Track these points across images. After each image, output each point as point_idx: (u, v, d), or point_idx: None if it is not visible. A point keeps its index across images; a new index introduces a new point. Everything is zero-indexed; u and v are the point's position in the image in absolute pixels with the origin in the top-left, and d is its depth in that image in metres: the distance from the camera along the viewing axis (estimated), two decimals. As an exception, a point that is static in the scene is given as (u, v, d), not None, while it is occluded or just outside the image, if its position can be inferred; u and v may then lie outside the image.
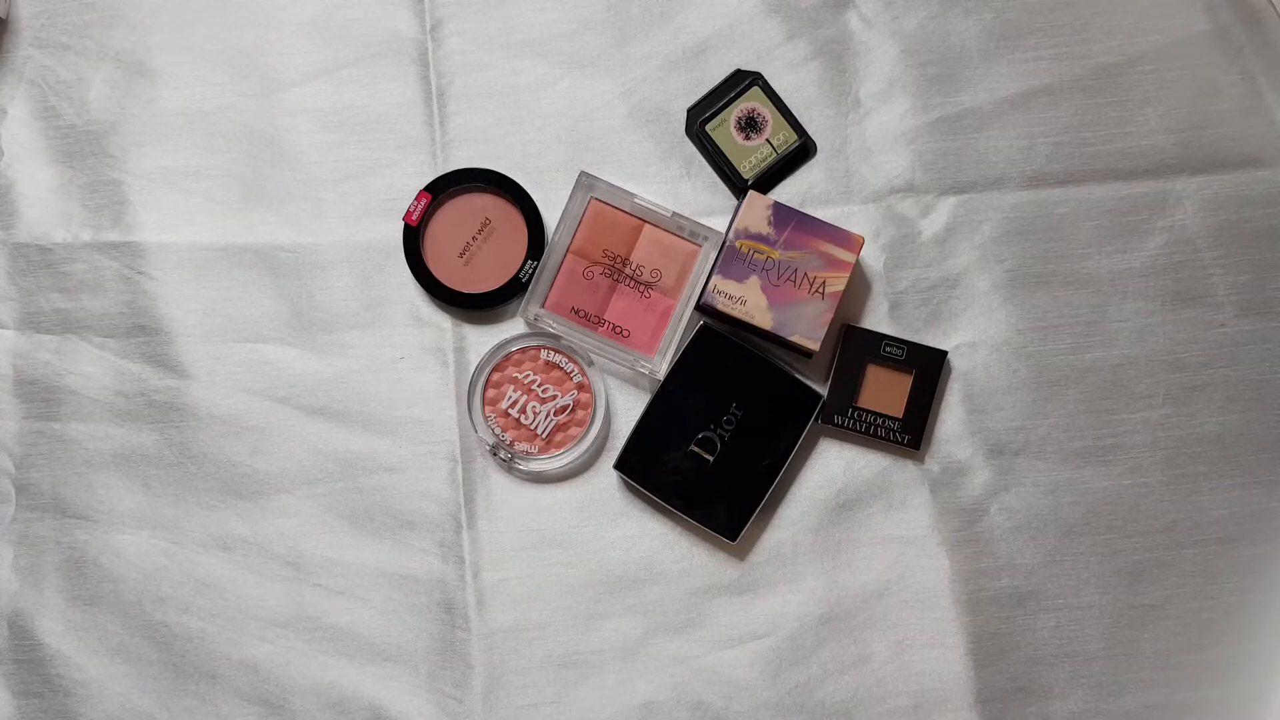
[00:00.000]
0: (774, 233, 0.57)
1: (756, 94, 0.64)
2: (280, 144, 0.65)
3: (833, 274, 0.57)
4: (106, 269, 0.64)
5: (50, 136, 0.65)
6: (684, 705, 0.62)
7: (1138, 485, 0.63)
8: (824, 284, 0.57)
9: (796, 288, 0.57)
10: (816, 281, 0.57)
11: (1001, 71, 0.65)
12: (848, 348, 0.62)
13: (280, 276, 0.64)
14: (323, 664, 0.62)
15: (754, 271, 0.57)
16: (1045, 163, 0.64)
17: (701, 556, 0.63)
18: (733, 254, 0.57)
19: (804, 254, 0.57)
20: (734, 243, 0.57)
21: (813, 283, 0.57)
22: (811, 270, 0.57)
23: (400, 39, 0.65)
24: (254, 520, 0.63)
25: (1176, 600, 0.62)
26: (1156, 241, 0.64)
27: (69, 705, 0.62)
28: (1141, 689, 0.62)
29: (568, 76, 0.65)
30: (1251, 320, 0.63)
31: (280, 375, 0.64)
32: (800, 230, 0.57)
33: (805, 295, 0.57)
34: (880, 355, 0.62)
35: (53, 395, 0.64)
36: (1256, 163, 0.64)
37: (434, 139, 0.65)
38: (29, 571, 0.63)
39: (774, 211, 0.57)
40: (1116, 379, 0.63)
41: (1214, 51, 0.65)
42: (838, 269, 0.57)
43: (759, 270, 0.57)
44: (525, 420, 0.62)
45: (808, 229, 0.58)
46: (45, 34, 0.66)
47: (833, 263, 0.57)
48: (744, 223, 0.57)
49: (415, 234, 0.63)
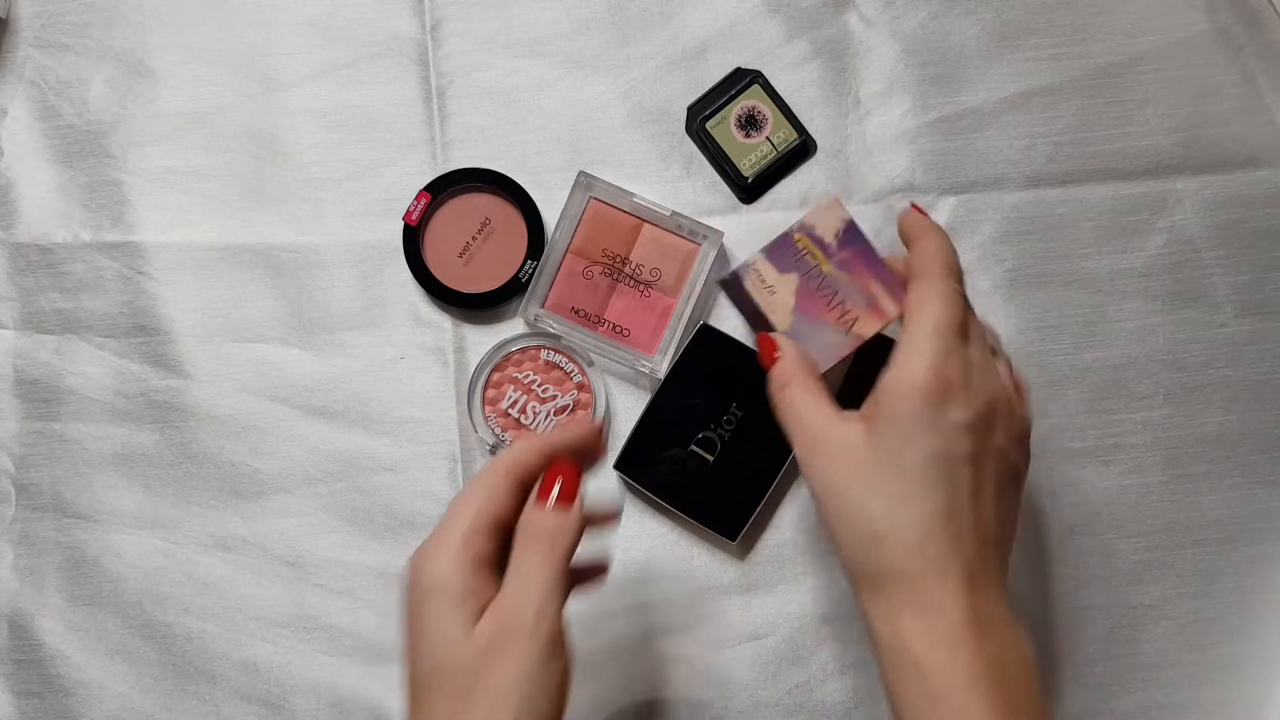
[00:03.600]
0: (835, 246, 0.53)
1: (757, 92, 0.64)
2: (280, 144, 0.65)
3: (868, 316, 0.52)
4: (106, 269, 0.64)
5: (50, 136, 0.65)
6: (684, 705, 0.62)
7: (1138, 485, 0.63)
8: (855, 321, 0.52)
9: (829, 309, 0.53)
10: (849, 315, 0.52)
11: (1001, 71, 0.65)
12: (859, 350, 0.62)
13: (280, 276, 0.64)
14: (323, 664, 0.62)
15: (797, 270, 0.53)
16: (1045, 163, 0.64)
17: (701, 556, 0.63)
18: (786, 244, 0.53)
19: (852, 281, 0.52)
20: (794, 234, 0.53)
21: (845, 313, 0.52)
22: (850, 301, 0.52)
23: (400, 39, 0.65)
24: (254, 520, 0.63)
25: (1177, 600, 0.62)
26: (1157, 241, 0.64)
27: (69, 705, 0.62)
28: (1142, 689, 0.62)
29: (568, 76, 0.65)
30: (1252, 320, 0.63)
31: (280, 375, 0.64)
32: (861, 258, 0.53)
33: (833, 320, 0.52)
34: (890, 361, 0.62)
35: (53, 395, 0.64)
36: (1257, 163, 0.64)
37: (434, 139, 0.65)
38: (29, 571, 0.63)
39: (845, 227, 0.53)
40: (1117, 379, 0.63)
41: (1214, 51, 0.65)
42: (875, 314, 0.52)
43: (803, 271, 0.53)
44: (525, 420, 0.62)
45: (868, 261, 0.53)
46: (45, 34, 0.66)
47: (874, 306, 0.52)
48: (814, 221, 0.53)
49: (415, 234, 0.63)
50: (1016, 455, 0.46)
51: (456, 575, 0.42)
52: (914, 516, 0.43)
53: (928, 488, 0.43)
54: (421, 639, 0.42)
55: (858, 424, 0.45)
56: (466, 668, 0.41)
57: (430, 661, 0.42)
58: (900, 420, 0.43)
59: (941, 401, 0.43)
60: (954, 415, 0.43)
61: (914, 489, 0.43)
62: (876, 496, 0.43)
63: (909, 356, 0.44)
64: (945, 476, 0.43)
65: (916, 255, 0.48)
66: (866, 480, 0.44)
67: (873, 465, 0.44)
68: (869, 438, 0.44)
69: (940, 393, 0.43)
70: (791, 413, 0.48)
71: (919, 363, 0.44)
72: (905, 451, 0.43)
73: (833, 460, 0.45)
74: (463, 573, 0.42)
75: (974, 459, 0.44)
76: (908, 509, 0.43)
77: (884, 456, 0.44)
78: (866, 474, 0.44)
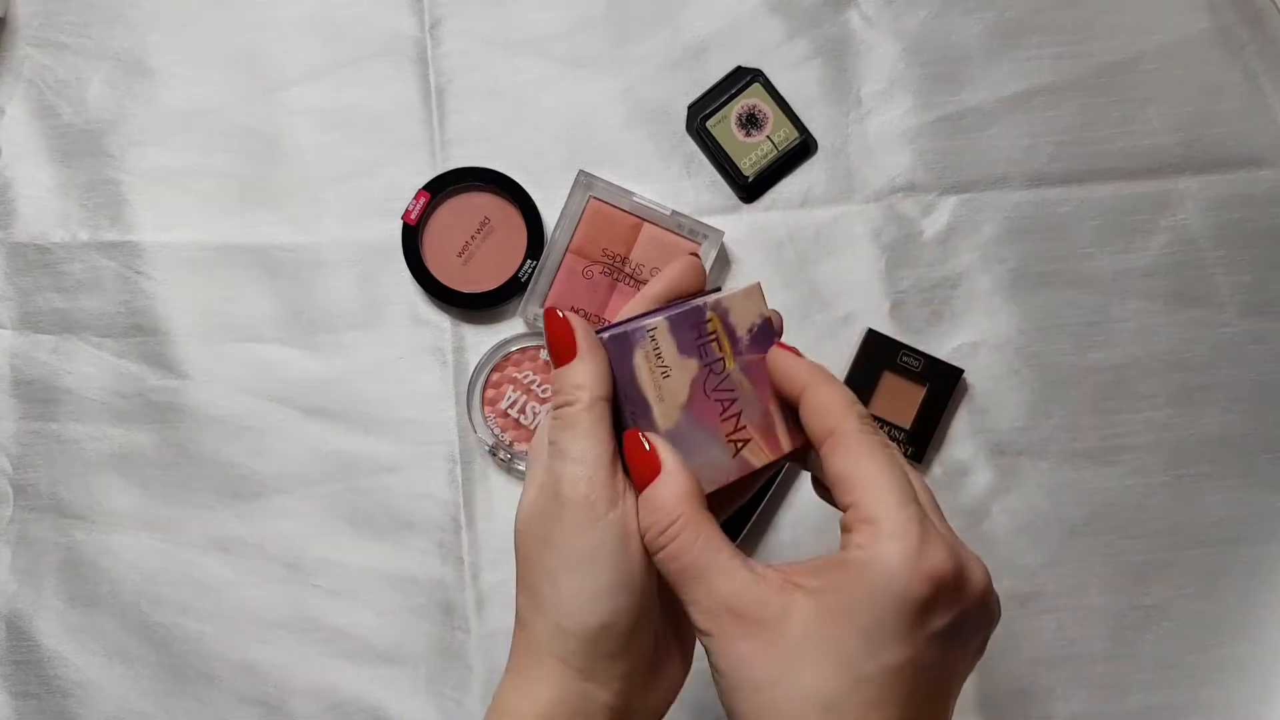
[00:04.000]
0: (746, 342, 0.41)
1: (758, 90, 0.64)
2: (279, 143, 0.65)
3: (762, 442, 0.41)
4: (104, 268, 0.64)
5: (48, 136, 0.65)
6: (684, 706, 0.61)
7: (1141, 486, 0.62)
8: (746, 444, 0.40)
9: (722, 418, 0.40)
10: (741, 433, 0.40)
11: (1003, 70, 0.64)
12: (866, 351, 0.62)
13: (279, 276, 0.64)
14: (322, 665, 0.62)
15: (699, 358, 0.40)
16: (1047, 162, 0.64)
17: (702, 557, 0.62)
18: (696, 319, 0.40)
19: (754, 392, 0.41)
20: (706, 310, 0.40)
21: (738, 429, 0.40)
22: (746, 416, 0.41)
23: (399, 38, 0.65)
24: (252, 521, 0.63)
25: (1179, 601, 0.62)
26: (1159, 241, 0.64)
27: (67, 706, 0.62)
28: (1144, 690, 0.61)
29: (567, 75, 0.65)
30: (1255, 320, 0.63)
31: (279, 375, 0.63)
32: (765, 368, 0.41)
33: (722, 435, 0.40)
34: (896, 364, 0.62)
35: (50, 395, 0.64)
36: (1259, 162, 0.64)
37: (433, 138, 0.64)
38: (27, 572, 0.63)
39: (761, 324, 0.41)
40: (1119, 379, 0.63)
41: (1216, 50, 0.65)
42: (770, 443, 0.41)
43: (705, 361, 0.40)
44: (525, 420, 0.62)
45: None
46: (43, 33, 0.65)
47: (769, 432, 0.41)
48: (730, 305, 0.41)
49: (414, 233, 0.63)
50: (976, 653, 0.37)
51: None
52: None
53: (884, 704, 0.34)
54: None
55: (798, 598, 0.34)
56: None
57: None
58: (872, 626, 0.33)
59: (927, 611, 0.34)
60: (934, 624, 0.34)
61: (867, 701, 0.34)
62: (814, 703, 0.34)
63: (883, 546, 0.34)
64: (905, 691, 0.34)
65: (818, 410, 0.38)
66: (808, 676, 0.34)
67: (817, 660, 0.34)
68: (817, 624, 0.34)
69: (929, 600, 0.34)
70: (689, 568, 0.36)
71: (901, 562, 0.33)
72: (868, 659, 0.33)
73: (760, 644, 0.34)
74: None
75: (943, 668, 0.35)
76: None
77: (837, 657, 0.34)
78: (808, 668, 0.34)
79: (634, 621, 0.37)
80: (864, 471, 0.35)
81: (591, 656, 0.38)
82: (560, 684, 0.38)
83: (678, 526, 0.36)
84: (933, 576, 0.34)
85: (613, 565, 0.37)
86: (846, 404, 0.37)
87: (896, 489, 0.35)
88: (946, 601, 0.34)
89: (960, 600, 0.35)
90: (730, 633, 0.35)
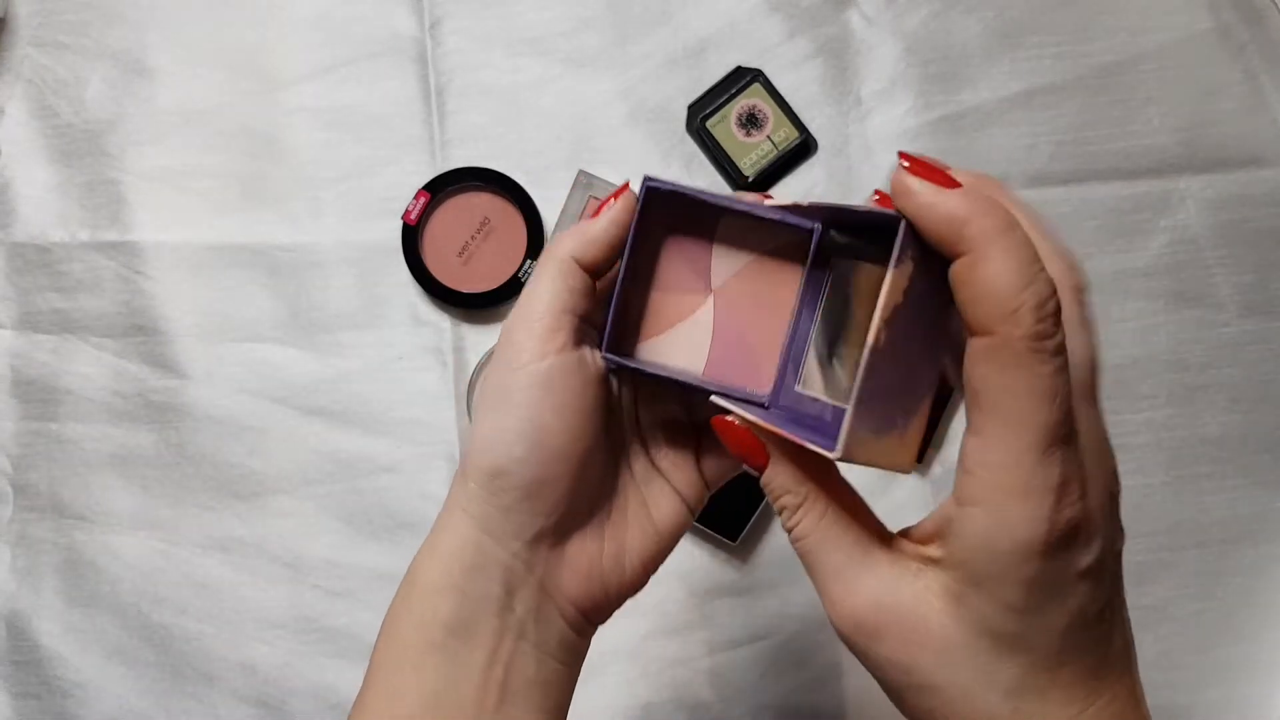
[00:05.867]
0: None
1: (758, 90, 0.64)
2: (278, 143, 0.64)
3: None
4: (104, 268, 0.64)
5: (48, 135, 0.65)
6: (684, 707, 0.61)
7: (1140, 486, 0.62)
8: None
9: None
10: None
11: (1003, 70, 0.64)
12: None
13: (278, 276, 0.64)
14: (321, 665, 0.62)
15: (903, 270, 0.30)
16: (1047, 162, 0.64)
17: (702, 558, 0.62)
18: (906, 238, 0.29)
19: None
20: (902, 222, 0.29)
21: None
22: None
23: (399, 37, 0.65)
24: (252, 521, 0.63)
25: (1179, 601, 0.62)
26: (1159, 241, 0.64)
27: (67, 706, 0.62)
28: (1145, 691, 0.61)
29: (567, 75, 0.65)
30: (1255, 320, 0.63)
31: (278, 375, 0.63)
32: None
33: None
34: None
35: (50, 395, 0.64)
36: (1260, 162, 0.64)
37: (433, 138, 0.64)
38: (26, 572, 0.63)
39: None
40: (1119, 379, 0.63)
41: (1217, 50, 0.65)
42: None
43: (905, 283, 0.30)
44: (525, 420, 0.62)
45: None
46: (43, 33, 0.65)
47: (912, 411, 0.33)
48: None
49: (414, 233, 0.63)
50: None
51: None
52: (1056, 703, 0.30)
53: (1064, 659, 0.30)
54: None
55: (931, 579, 0.30)
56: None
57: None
58: (1017, 600, 0.29)
59: (1065, 551, 0.29)
60: (1080, 562, 0.30)
61: (1041, 665, 0.30)
62: (995, 695, 0.30)
63: (1004, 495, 0.28)
64: (1077, 645, 0.30)
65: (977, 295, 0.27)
66: (967, 673, 0.30)
67: (977, 651, 0.30)
68: (956, 606, 0.30)
69: (1063, 541, 0.29)
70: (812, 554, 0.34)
71: (1020, 509, 0.28)
72: (1026, 630, 0.29)
73: (914, 645, 0.30)
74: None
75: (1101, 603, 0.31)
76: (1044, 694, 0.30)
77: (995, 640, 0.30)
78: (968, 664, 0.30)
79: (535, 478, 0.34)
80: (1005, 409, 0.28)
81: (485, 504, 0.35)
82: (460, 534, 0.35)
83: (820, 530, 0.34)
84: (1057, 521, 0.29)
85: (518, 413, 0.34)
86: (1017, 289, 0.27)
87: (1033, 435, 0.28)
88: (1084, 534, 0.30)
89: (1104, 526, 0.32)
90: (883, 640, 0.31)
